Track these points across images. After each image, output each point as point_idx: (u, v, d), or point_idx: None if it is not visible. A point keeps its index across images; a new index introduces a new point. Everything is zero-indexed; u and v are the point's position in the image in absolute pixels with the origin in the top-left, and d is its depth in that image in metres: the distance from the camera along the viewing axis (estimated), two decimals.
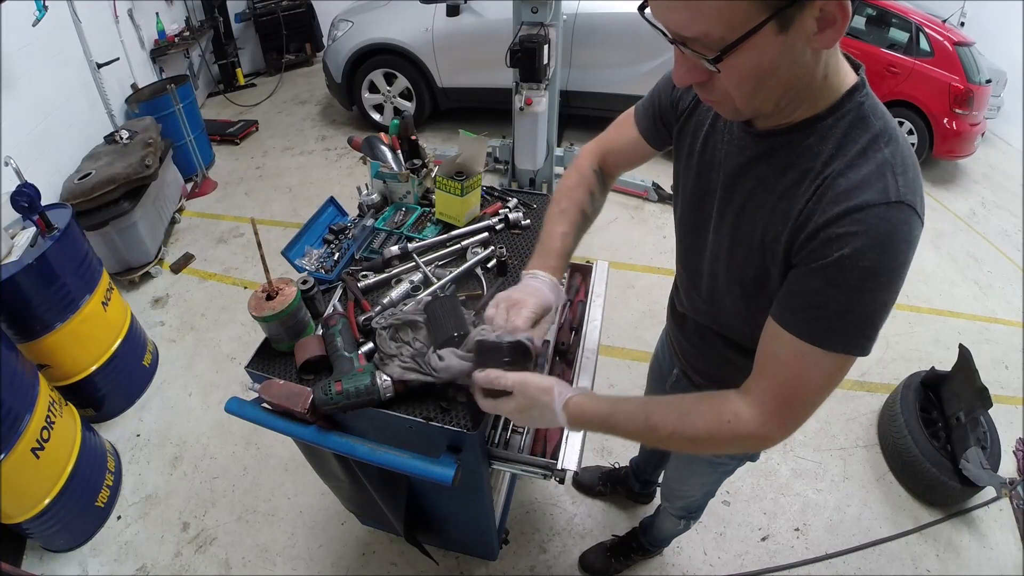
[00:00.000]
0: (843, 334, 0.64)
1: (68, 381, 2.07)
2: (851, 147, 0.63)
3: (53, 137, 2.82)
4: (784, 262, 0.68)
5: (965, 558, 1.89)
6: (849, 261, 0.60)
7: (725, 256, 0.79)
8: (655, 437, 0.75)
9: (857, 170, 0.61)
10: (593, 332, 1.29)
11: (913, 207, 0.60)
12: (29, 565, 1.82)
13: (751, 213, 0.72)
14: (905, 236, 0.60)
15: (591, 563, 1.76)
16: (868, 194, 0.60)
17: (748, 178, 0.72)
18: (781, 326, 0.67)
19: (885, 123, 0.64)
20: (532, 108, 3.00)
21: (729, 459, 1.15)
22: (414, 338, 1.05)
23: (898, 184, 0.60)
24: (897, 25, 4.54)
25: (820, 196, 0.63)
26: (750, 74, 0.58)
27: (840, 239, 0.60)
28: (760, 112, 0.65)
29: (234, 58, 5.09)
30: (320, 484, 1.47)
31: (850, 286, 0.61)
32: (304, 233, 1.41)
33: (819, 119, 0.64)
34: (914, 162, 0.64)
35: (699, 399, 0.75)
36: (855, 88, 0.64)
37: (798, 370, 0.67)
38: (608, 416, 0.77)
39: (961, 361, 2.13)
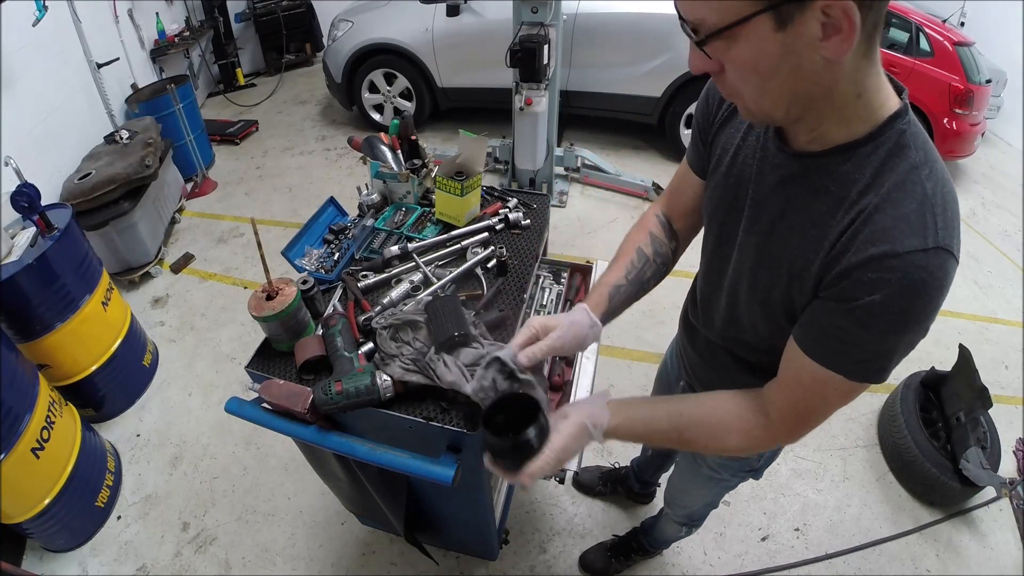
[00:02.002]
0: (867, 367, 0.65)
1: (68, 381, 2.07)
2: (889, 177, 0.60)
3: (53, 137, 2.82)
4: (811, 292, 0.67)
5: (965, 558, 1.89)
6: (880, 308, 0.59)
7: (748, 276, 0.77)
8: (688, 449, 0.80)
9: (896, 207, 0.59)
10: None
11: (950, 250, 0.58)
12: (29, 565, 1.82)
13: (780, 235, 0.70)
14: (940, 282, 0.59)
15: (591, 563, 1.76)
16: (906, 238, 0.58)
17: (779, 198, 0.70)
18: (804, 352, 0.68)
19: (926, 154, 0.61)
20: (532, 108, 3.00)
21: (730, 476, 1.14)
22: (414, 338, 1.05)
23: (937, 227, 0.58)
24: (897, 25, 4.54)
25: (855, 232, 0.61)
26: (750, 69, 0.57)
27: (873, 284, 0.59)
28: (772, 117, 0.63)
29: (234, 58, 5.09)
30: (320, 484, 1.47)
31: (879, 329, 0.61)
32: (304, 233, 1.41)
33: (857, 145, 0.62)
34: (954, 196, 0.61)
35: (730, 415, 0.77)
36: (897, 115, 0.61)
37: (818, 393, 0.69)
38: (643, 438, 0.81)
39: (961, 361, 2.13)
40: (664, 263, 0.99)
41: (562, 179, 3.69)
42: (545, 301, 1.43)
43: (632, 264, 0.95)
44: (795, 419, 0.72)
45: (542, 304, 1.42)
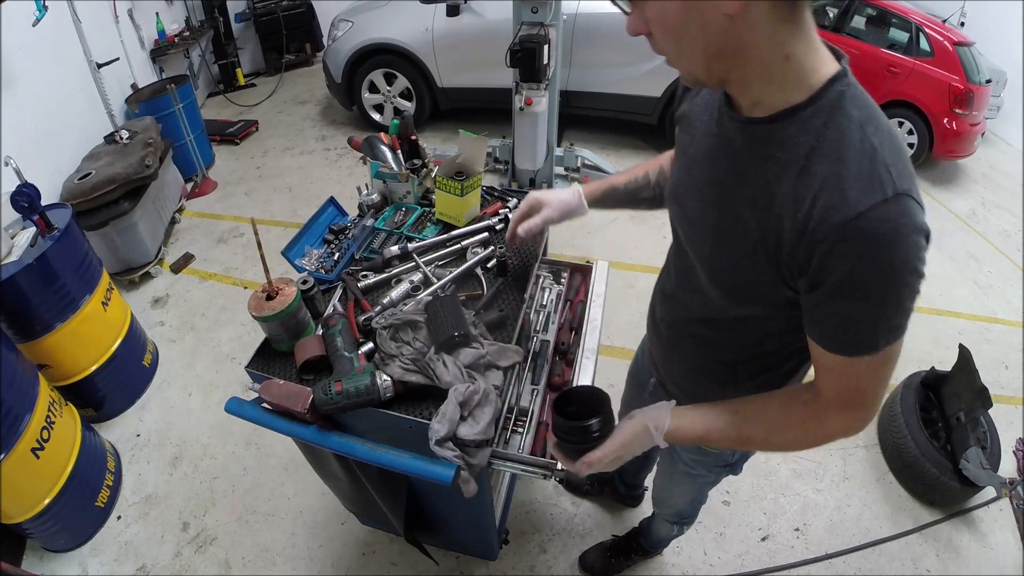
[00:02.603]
0: (882, 334, 0.64)
1: (68, 381, 2.07)
2: (834, 137, 0.61)
3: (53, 137, 2.82)
4: (772, 262, 0.67)
5: (965, 558, 1.89)
6: (864, 274, 0.59)
7: (707, 255, 0.78)
8: (746, 446, 0.81)
9: (847, 167, 0.59)
10: (593, 332, 1.29)
11: (910, 195, 0.59)
12: (29, 565, 1.82)
13: (734, 211, 0.70)
14: (910, 225, 0.58)
15: (591, 563, 1.76)
16: (864, 196, 0.58)
17: (731, 172, 0.71)
18: (822, 347, 0.68)
19: (869, 112, 0.62)
20: (532, 108, 3.00)
21: (706, 471, 1.15)
22: (414, 338, 1.05)
23: (892, 176, 0.58)
24: (897, 25, 4.54)
25: (813, 201, 0.60)
26: (664, 27, 0.61)
27: (847, 253, 0.59)
28: (697, 78, 0.66)
29: (234, 58, 5.09)
30: (320, 484, 1.47)
31: (872, 294, 0.60)
32: (304, 233, 1.41)
33: (798, 108, 0.63)
34: (902, 146, 0.62)
35: (783, 411, 0.77)
36: (835, 77, 0.62)
37: (854, 376, 0.68)
38: (702, 439, 0.81)
39: (961, 361, 2.13)
40: (661, 194, 1.03)
41: (562, 179, 3.69)
42: (545, 301, 1.43)
43: (636, 179, 1.07)
44: (844, 405, 0.71)
45: (542, 304, 1.42)
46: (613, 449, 0.80)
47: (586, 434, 0.80)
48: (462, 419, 0.97)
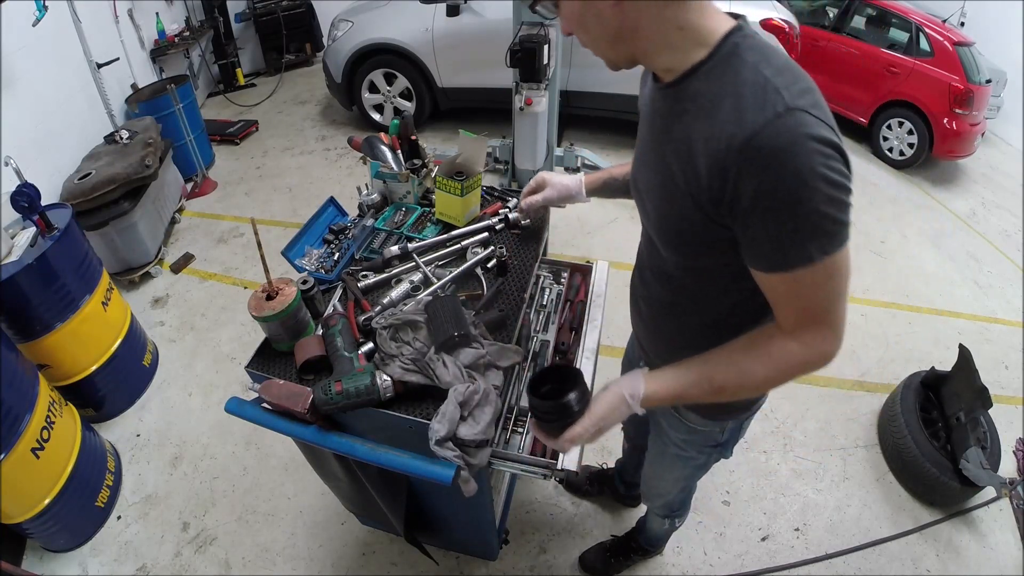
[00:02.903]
0: (811, 244, 0.65)
1: (68, 381, 2.07)
2: (732, 79, 0.67)
3: (53, 137, 2.82)
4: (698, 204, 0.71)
5: (965, 558, 1.89)
6: (769, 185, 0.63)
7: (655, 214, 0.83)
8: (724, 396, 0.80)
9: (742, 99, 0.65)
10: (593, 332, 1.29)
11: (805, 111, 0.62)
12: (29, 565, 1.82)
13: (665, 165, 0.76)
14: (807, 136, 0.61)
15: (591, 563, 1.76)
16: (755, 117, 0.62)
17: (660, 134, 0.78)
18: (761, 271, 0.71)
19: (764, 54, 0.67)
20: (532, 108, 3.00)
21: (696, 452, 1.14)
22: (414, 338, 1.05)
23: (783, 97, 0.63)
24: (897, 25, 4.54)
25: (719, 136, 0.65)
26: (573, 23, 0.74)
27: (747, 171, 0.63)
28: (612, 61, 0.76)
29: (234, 58, 5.08)
30: (320, 484, 1.47)
31: (784, 204, 0.63)
32: (304, 233, 1.41)
33: (701, 64, 0.70)
34: (800, 77, 0.66)
35: (747, 350, 0.78)
36: (730, 32, 0.69)
37: (803, 294, 0.70)
38: (678, 396, 0.82)
39: (961, 361, 2.13)
40: None
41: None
42: (545, 301, 1.43)
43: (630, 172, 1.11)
44: (804, 327, 0.73)
45: (542, 304, 1.42)
46: (592, 422, 0.81)
47: (565, 410, 0.81)
48: (462, 419, 0.97)
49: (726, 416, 1.04)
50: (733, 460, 2.12)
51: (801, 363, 0.74)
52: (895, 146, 4.46)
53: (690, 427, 1.08)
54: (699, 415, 1.04)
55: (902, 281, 3.19)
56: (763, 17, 3.65)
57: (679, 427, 1.10)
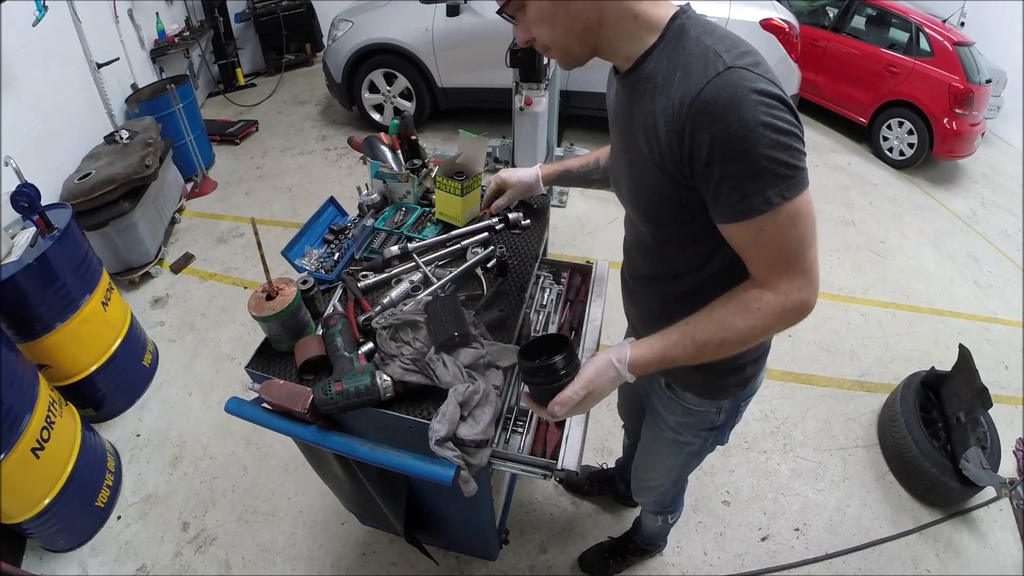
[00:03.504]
0: (772, 189, 0.68)
1: (68, 381, 2.07)
2: (679, 54, 0.73)
3: (53, 137, 2.82)
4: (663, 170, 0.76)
5: (965, 558, 1.89)
6: (720, 136, 0.67)
7: (628, 192, 0.88)
8: (708, 353, 0.81)
9: (689, 68, 0.71)
10: (593, 332, 1.29)
11: (744, 68, 0.67)
12: (29, 565, 1.82)
13: (633, 143, 0.81)
14: (748, 88, 0.66)
15: (590, 564, 1.76)
16: (700, 77, 0.68)
17: (627, 119, 0.82)
18: (726, 223, 0.74)
19: (707, 28, 0.74)
20: (532, 108, 3.00)
21: (692, 436, 1.14)
22: (414, 338, 1.05)
23: (724, 58, 0.68)
24: (897, 25, 4.55)
25: (673, 103, 0.71)
26: (540, 23, 0.77)
27: (699, 126, 0.68)
28: (574, 56, 0.81)
29: (234, 58, 5.08)
30: (320, 484, 1.47)
31: (737, 152, 0.67)
32: (304, 233, 1.41)
33: (652, 48, 0.76)
34: (740, 43, 0.72)
35: (725, 304, 0.80)
36: (676, 15, 0.76)
37: (770, 242, 0.72)
38: (663, 358, 0.83)
39: (961, 361, 2.13)
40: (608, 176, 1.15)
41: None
42: (545, 301, 1.43)
43: (587, 164, 1.23)
44: (779, 276, 0.75)
45: (542, 304, 1.42)
46: (581, 385, 0.83)
47: (553, 372, 0.82)
48: (462, 419, 0.97)
49: (722, 395, 1.04)
50: (733, 460, 2.13)
51: (779, 311, 0.76)
52: (895, 146, 4.46)
53: (686, 408, 1.08)
54: (695, 394, 1.05)
55: (902, 281, 3.19)
56: (763, 17, 3.65)
57: (675, 409, 1.10)
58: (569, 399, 0.83)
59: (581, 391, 0.83)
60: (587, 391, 0.83)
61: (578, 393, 0.83)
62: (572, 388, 0.83)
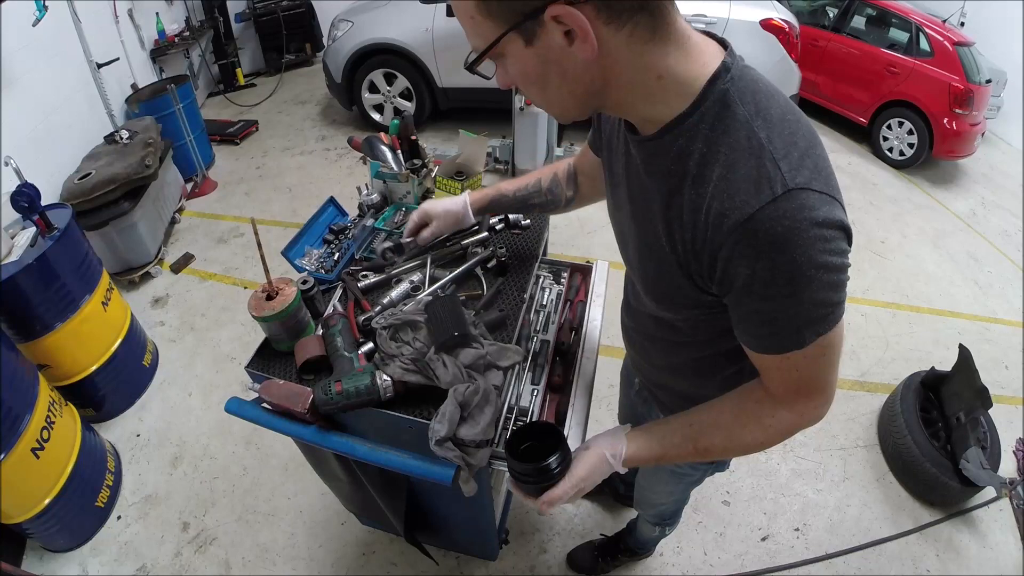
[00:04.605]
0: (807, 328, 0.62)
1: (68, 381, 2.07)
2: (722, 140, 0.59)
3: (53, 137, 2.82)
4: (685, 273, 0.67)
5: (965, 558, 1.89)
6: (765, 274, 0.58)
7: (637, 262, 0.79)
8: (707, 458, 0.78)
9: (735, 170, 0.57)
10: (593, 332, 1.29)
11: (806, 188, 0.56)
12: (29, 565, 1.82)
13: (646, 224, 0.71)
14: (807, 220, 0.55)
15: (578, 561, 1.77)
16: (751, 198, 0.56)
17: (641, 189, 0.71)
18: (752, 350, 0.69)
19: (756, 104, 0.59)
20: (532, 108, 3.00)
21: (692, 469, 1.14)
22: (414, 338, 1.05)
23: (781, 171, 0.56)
24: (897, 25, 4.54)
25: (708, 209, 0.59)
26: (523, 81, 0.62)
27: (741, 256, 0.58)
28: (568, 116, 0.67)
29: (234, 58, 5.08)
30: (320, 484, 1.47)
31: (781, 294, 0.59)
32: (304, 233, 1.41)
33: (683, 119, 0.61)
34: (804, 136, 0.60)
35: (737, 414, 0.76)
36: (715, 77, 0.59)
37: (794, 370, 0.67)
38: (661, 458, 0.80)
39: (961, 361, 2.13)
40: (553, 200, 1.11)
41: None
42: (545, 301, 1.43)
43: (527, 186, 1.11)
44: (795, 397, 0.71)
45: (542, 304, 1.42)
46: (572, 484, 0.79)
47: (545, 474, 0.79)
48: (462, 419, 0.97)
49: None
50: (733, 460, 2.12)
51: (793, 427, 0.73)
52: (895, 146, 4.46)
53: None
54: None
55: (902, 281, 3.19)
56: (763, 17, 3.65)
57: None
58: (559, 498, 0.79)
59: (571, 490, 0.79)
60: (578, 489, 0.80)
61: (568, 492, 0.79)
62: (563, 488, 0.79)
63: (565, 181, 1.09)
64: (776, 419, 0.73)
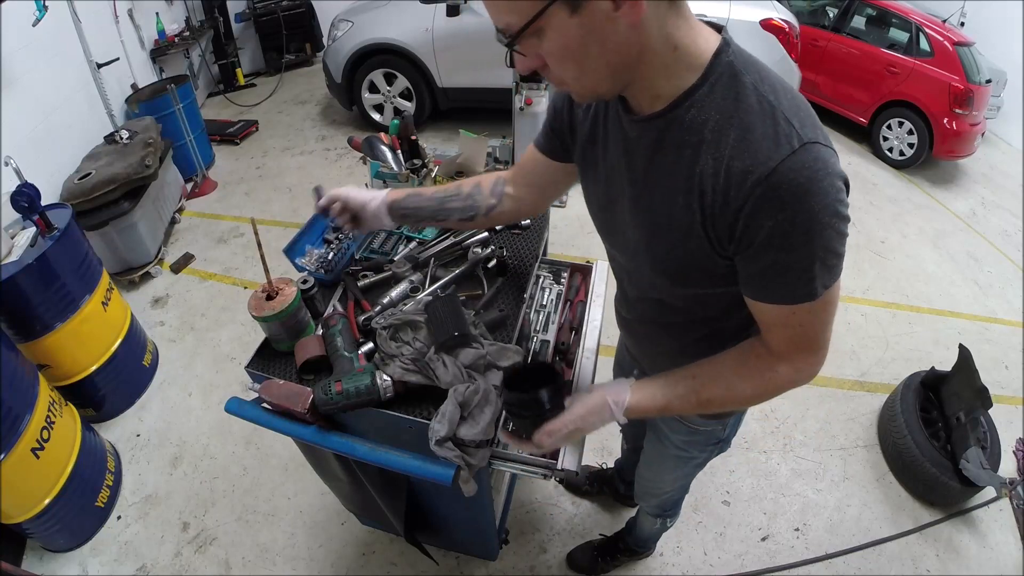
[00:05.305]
0: (818, 279, 0.65)
1: (68, 381, 2.07)
2: (734, 107, 0.63)
3: (53, 137, 2.82)
4: (705, 238, 0.68)
5: (965, 558, 1.89)
6: (787, 225, 0.61)
7: (644, 249, 0.79)
8: (709, 410, 0.80)
9: (752, 130, 0.61)
10: (593, 332, 1.29)
11: (816, 141, 0.60)
12: (29, 565, 1.82)
13: (662, 202, 0.72)
14: (823, 171, 0.60)
15: (578, 561, 1.76)
16: (773, 152, 0.60)
17: (650, 169, 0.72)
18: (760, 301, 0.70)
19: (758, 71, 0.64)
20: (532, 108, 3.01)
21: (698, 452, 1.14)
22: (414, 338, 1.05)
23: (794, 128, 0.60)
24: (897, 25, 4.54)
25: (728, 170, 0.62)
26: (563, 55, 0.61)
27: (764, 209, 0.61)
28: (600, 92, 0.67)
29: (234, 58, 5.08)
30: (320, 484, 1.47)
31: (800, 244, 0.62)
32: (304, 233, 1.41)
33: (694, 90, 0.65)
34: (798, 97, 0.64)
35: (737, 367, 0.78)
36: (720, 50, 0.64)
37: (798, 325, 0.70)
38: (664, 408, 0.82)
39: (961, 361, 2.13)
40: (473, 208, 1.05)
41: None
42: (545, 301, 1.43)
43: (447, 191, 1.06)
44: (796, 353, 0.74)
45: (542, 304, 1.42)
46: (572, 419, 0.80)
47: (537, 405, 0.80)
48: (462, 419, 0.97)
49: (729, 414, 1.05)
50: (733, 460, 2.13)
51: (789, 383, 0.76)
52: (895, 146, 4.46)
53: (691, 428, 1.08)
54: (701, 416, 1.04)
55: (902, 281, 3.19)
56: (763, 17, 3.65)
57: (680, 430, 1.10)
58: (556, 431, 0.80)
59: (570, 425, 0.80)
60: (576, 427, 0.81)
61: (566, 426, 0.80)
62: (563, 420, 0.80)
63: (489, 189, 1.05)
64: (775, 373, 0.75)
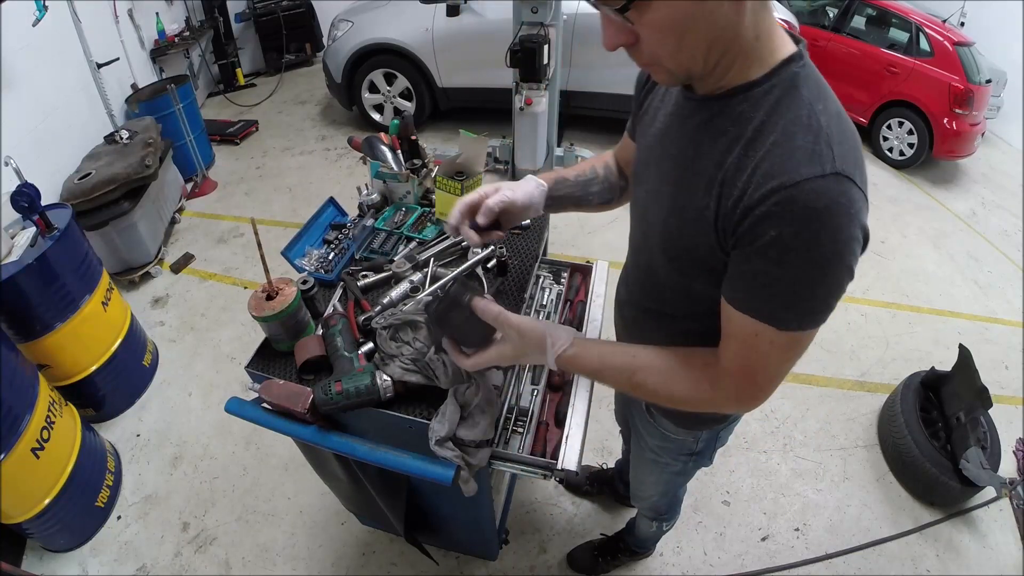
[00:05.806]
0: (794, 311, 0.63)
1: (68, 381, 2.07)
2: (783, 114, 0.61)
3: (53, 137, 2.82)
4: (712, 227, 0.67)
5: (965, 558, 1.89)
6: (789, 240, 0.59)
7: (660, 226, 0.77)
8: (639, 395, 0.80)
9: (791, 140, 0.60)
10: (593, 332, 1.29)
11: (851, 178, 0.58)
12: (29, 565, 1.82)
13: (688, 181, 0.70)
14: (845, 209, 0.57)
15: (578, 561, 1.76)
16: (801, 167, 0.58)
17: (689, 146, 0.71)
18: (733, 307, 0.68)
19: (820, 92, 0.63)
20: (532, 108, 3.01)
21: (671, 459, 1.13)
22: (414, 338, 1.05)
23: (834, 155, 0.58)
24: (897, 25, 4.54)
25: (754, 169, 0.61)
26: (668, 28, 0.59)
27: (775, 217, 0.59)
28: (691, 72, 0.65)
29: (234, 58, 5.08)
30: (320, 484, 1.47)
31: (794, 264, 0.60)
32: (304, 233, 1.41)
33: (754, 85, 0.64)
34: (853, 134, 0.63)
35: (680, 363, 0.77)
36: (791, 58, 0.63)
37: (756, 350, 0.68)
38: (595, 372, 0.81)
39: (961, 361, 2.13)
40: (609, 188, 1.05)
41: None
42: (545, 301, 1.43)
43: (584, 172, 1.04)
44: (741, 377, 0.71)
45: (542, 304, 1.42)
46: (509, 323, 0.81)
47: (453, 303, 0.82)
48: (462, 419, 0.97)
49: (699, 426, 1.03)
50: (733, 460, 2.13)
51: (724, 402, 0.74)
52: (895, 146, 4.46)
53: (664, 434, 1.07)
54: (672, 422, 1.03)
55: (902, 281, 3.19)
56: None
57: (653, 433, 1.10)
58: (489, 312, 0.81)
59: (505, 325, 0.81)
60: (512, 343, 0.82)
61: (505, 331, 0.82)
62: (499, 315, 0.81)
63: (616, 171, 1.06)
64: (712, 388, 0.73)
